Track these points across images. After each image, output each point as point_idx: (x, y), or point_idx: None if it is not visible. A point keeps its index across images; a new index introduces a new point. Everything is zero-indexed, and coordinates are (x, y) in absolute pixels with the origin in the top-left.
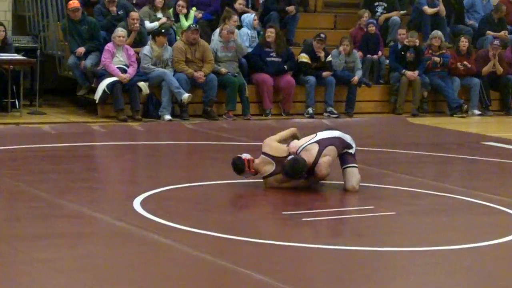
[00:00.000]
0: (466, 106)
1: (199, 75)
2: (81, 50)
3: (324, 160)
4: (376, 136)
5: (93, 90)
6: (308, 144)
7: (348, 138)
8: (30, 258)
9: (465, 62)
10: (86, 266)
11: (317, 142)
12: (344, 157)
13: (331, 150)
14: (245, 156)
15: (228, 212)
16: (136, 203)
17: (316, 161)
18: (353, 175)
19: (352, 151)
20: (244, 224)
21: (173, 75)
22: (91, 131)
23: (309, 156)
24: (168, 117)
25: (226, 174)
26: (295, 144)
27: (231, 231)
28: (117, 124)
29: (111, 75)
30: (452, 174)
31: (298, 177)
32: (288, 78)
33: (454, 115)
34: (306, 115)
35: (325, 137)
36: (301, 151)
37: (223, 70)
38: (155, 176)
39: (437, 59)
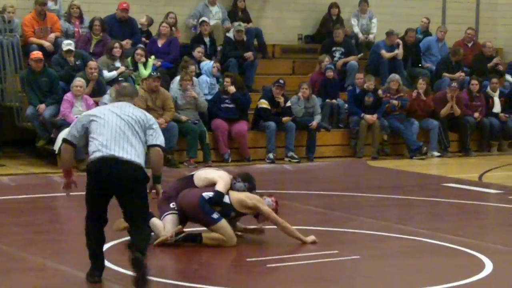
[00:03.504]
0: (425, 148)
1: (160, 122)
2: (42, 107)
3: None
4: (338, 180)
5: (53, 141)
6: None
7: None
8: None
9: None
10: None
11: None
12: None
13: None
14: None
15: (192, 260)
16: None
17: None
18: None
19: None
20: (208, 272)
21: None
22: (52, 182)
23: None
24: None
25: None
26: None
27: (197, 279)
28: (77, 174)
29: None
30: (415, 217)
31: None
32: (240, 126)
33: (414, 157)
34: (268, 161)
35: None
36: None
37: (184, 118)
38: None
39: (395, 102)
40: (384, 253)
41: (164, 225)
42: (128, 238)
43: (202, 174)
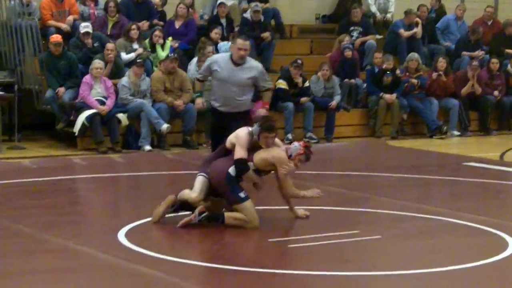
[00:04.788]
0: (445, 127)
1: (179, 103)
2: (62, 90)
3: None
4: (357, 160)
5: (72, 123)
6: None
7: None
8: None
9: (440, 72)
10: None
11: None
12: None
13: None
14: None
15: (214, 241)
16: (121, 235)
17: None
18: None
19: None
20: (230, 253)
21: (152, 106)
22: (72, 164)
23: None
24: (148, 147)
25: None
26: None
27: (218, 260)
28: (97, 156)
29: (90, 108)
30: (435, 196)
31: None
32: (260, 105)
33: (434, 137)
34: (286, 142)
35: None
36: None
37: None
38: (138, 207)
39: (414, 81)
40: (405, 233)
41: (194, 183)
42: (149, 219)
43: (231, 136)
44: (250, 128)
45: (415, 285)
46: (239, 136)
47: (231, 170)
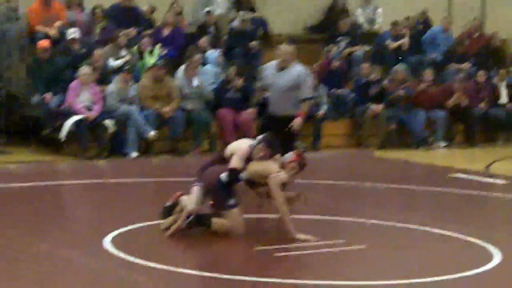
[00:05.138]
0: (431, 138)
1: (166, 110)
2: (49, 96)
3: None
4: (343, 170)
5: (59, 129)
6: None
7: None
8: None
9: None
10: None
11: None
12: None
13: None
14: None
15: (200, 248)
16: (107, 242)
17: None
18: None
19: None
20: (216, 261)
21: (140, 113)
22: (58, 169)
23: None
24: (134, 154)
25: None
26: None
27: (204, 268)
28: (83, 162)
29: (77, 114)
30: (421, 207)
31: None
32: (247, 115)
33: (420, 148)
34: None
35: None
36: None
37: (189, 106)
38: (124, 213)
39: (401, 92)
40: (390, 243)
41: (189, 195)
42: (136, 226)
43: (232, 146)
44: (252, 142)
45: None
46: (240, 147)
47: (224, 176)
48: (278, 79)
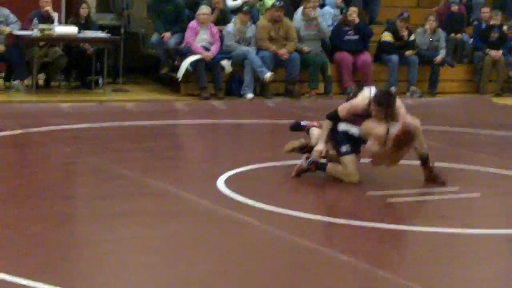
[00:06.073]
0: None
1: (283, 52)
2: (168, 35)
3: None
4: (459, 116)
5: (176, 68)
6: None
7: None
8: (116, 237)
9: None
10: (172, 245)
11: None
12: None
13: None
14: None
15: (312, 192)
16: (220, 182)
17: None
18: None
19: None
20: (327, 204)
21: (256, 54)
22: (174, 109)
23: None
24: (250, 95)
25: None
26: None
27: (315, 211)
28: (199, 102)
29: (194, 53)
30: None
31: (393, 109)
32: (365, 57)
33: None
34: None
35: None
36: None
37: (306, 48)
38: (238, 155)
39: None
40: (506, 191)
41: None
42: (249, 167)
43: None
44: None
45: None
46: (357, 97)
47: (342, 125)
48: None
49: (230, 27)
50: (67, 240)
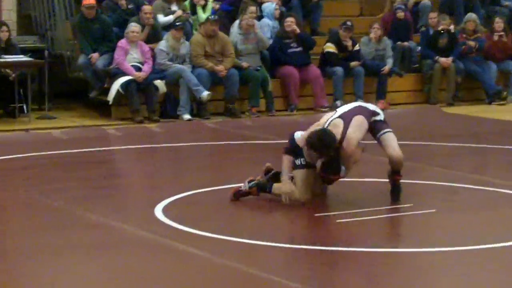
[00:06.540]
0: (505, 92)
1: (220, 69)
2: (95, 56)
3: (351, 135)
4: (410, 128)
5: (106, 91)
6: (331, 120)
7: (370, 105)
8: (50, 272)
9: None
10: (110, 278)
11: (340, 116)
12: (374, 125)
13: (359, 120)
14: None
15: (257, 216)
16: (158, 210)
17: (343, 136)
18: (392, 139)
19: (380, 117)
20: (274, 228)
21: (192, 72)
22: (106, 135)
23: (336, 132)
24: (187, 116)
25: (253, 174)
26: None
27: (261, 237)
28: (133, 126)
29: (125, 74)
30: (493, 166)
31: (327, 154)
32: (314, 69)
33: (492, 103)
34: (334, 108)
35: (346, 110)
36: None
37: (245, 64)
38: (177, 180)
39: (472, 43)
40: (461, 206)
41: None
42: (188, 193)
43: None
44: None
45: (474, 262)
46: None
47: (297, 134)
48: None
49: (162, 44)
50: None
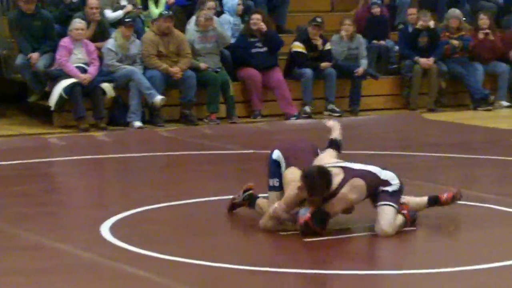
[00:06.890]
0: (492, 97)
1: (175, 70)
2: (35, 56)
3: (344, 195)
4: (387, 137)
5: (47, 95)
6: (331, 167)
7: (387, 174)
8: None
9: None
10: None
11: (343, 168)
12: (377, 195)
13: (357, 183)
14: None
15: (216, 235)
16: (105, 229)
17: (337, 191)
18: (384, 214)
19: (389, 188)
20: (234, 249)
21: (143, 74)
22: (47, 144)
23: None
24: (138, 123)
25: (212, 189)
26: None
27: (219, 259)
28: (77, 135)
29: (69, 76)
30: (481, 179)
31: (317, 194)
32: (277, 73)
33: (479, 108)
34: (303, 115)
35: (354, 167)
36: None
37: (203, 65)
38: (126, 195)
39: (456, 42)
40: (446, 224)
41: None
42: (139, 210)
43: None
44: None
45: (461, 285)
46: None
47: (276, 153)
48: None
49: (110, 43)
50: None
